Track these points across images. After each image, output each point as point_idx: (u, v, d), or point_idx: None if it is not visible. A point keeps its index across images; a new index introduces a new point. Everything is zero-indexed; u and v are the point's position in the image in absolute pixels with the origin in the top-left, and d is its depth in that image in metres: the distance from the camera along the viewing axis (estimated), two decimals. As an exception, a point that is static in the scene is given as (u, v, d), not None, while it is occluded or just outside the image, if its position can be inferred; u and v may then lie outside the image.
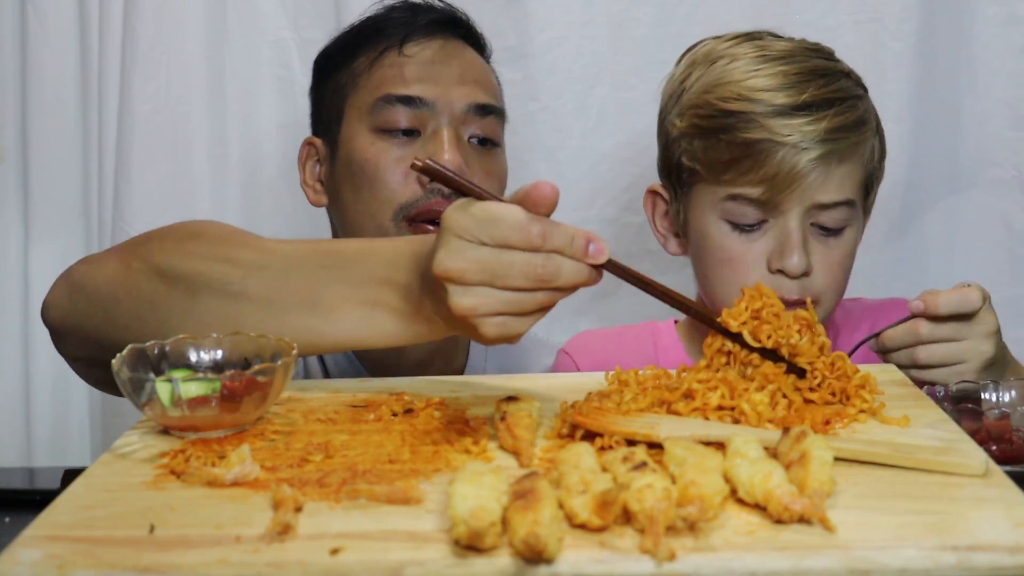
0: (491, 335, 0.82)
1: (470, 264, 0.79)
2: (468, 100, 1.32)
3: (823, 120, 1.18)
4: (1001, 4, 1.65)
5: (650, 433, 0.79)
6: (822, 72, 1.23)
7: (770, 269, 1.21)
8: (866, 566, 0.62)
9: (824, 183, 1.19)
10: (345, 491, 0.72)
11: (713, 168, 1.22)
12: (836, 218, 1.21)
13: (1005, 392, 1.03)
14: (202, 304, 0.97)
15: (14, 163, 1.81)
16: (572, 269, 0.80)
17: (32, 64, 1.77)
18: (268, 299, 0.95)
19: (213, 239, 1.03)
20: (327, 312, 0.93)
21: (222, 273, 0.97)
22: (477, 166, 1.31)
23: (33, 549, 0.66)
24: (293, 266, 0.96)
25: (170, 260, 1.01)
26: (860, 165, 1.23)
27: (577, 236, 0.80)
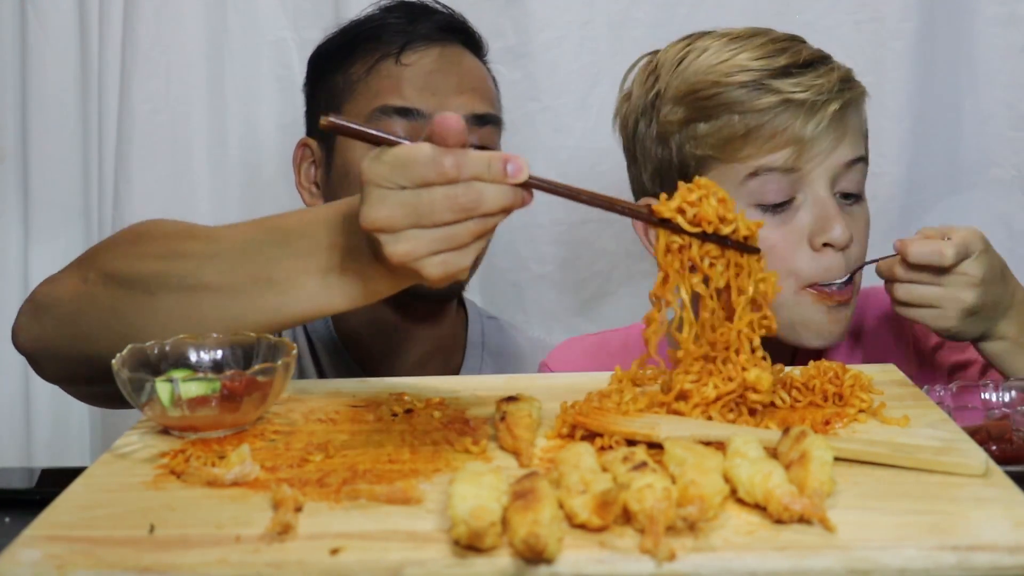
0: (435, 276, 0.82)
1: (394, 210, 0.80)
2: (466, 110, 1.30)
3: (831, 72, 1.16)
4: (1001, 4, 1.65)
5: (650, 433, 0.79)
6: (797, 38, 1.21)
7: (814, 247, 1.16)
8: (866, 566, 0.62)
9: (842, 140, 1.16)
10: (345, 491, 0.72)
11: (729, 147, 1.16)
12: (856, 180, 1.18)
13: (1005, 392, 1.03)
14: (162, 302, 0.97)
15: (14, 163, 1.81)
16: (495, 192, 0.81)
17: (32, 64, 1.77)
18: (225, 285, 0.95)
19: (161, 237, 1.03)
20: (284, 288, 0.93)
21: (176, 268, 0.98)
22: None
23: (33, 549, 0.66)
24: (243, 249, 0.96)
25: (123, 265, 1.02)
26: (862, 120, 1.21)
27: (493, 159, 0.81)
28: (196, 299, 0.96)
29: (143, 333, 0.95)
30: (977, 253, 1.09)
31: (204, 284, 0.96)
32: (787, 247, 1.16)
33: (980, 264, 1.09)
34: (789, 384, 0.90)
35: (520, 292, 1.79)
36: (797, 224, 1.16)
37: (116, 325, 1.00)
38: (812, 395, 0.89)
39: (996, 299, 1.11)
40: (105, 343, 0.98)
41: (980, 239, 1.10)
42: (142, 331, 0.96)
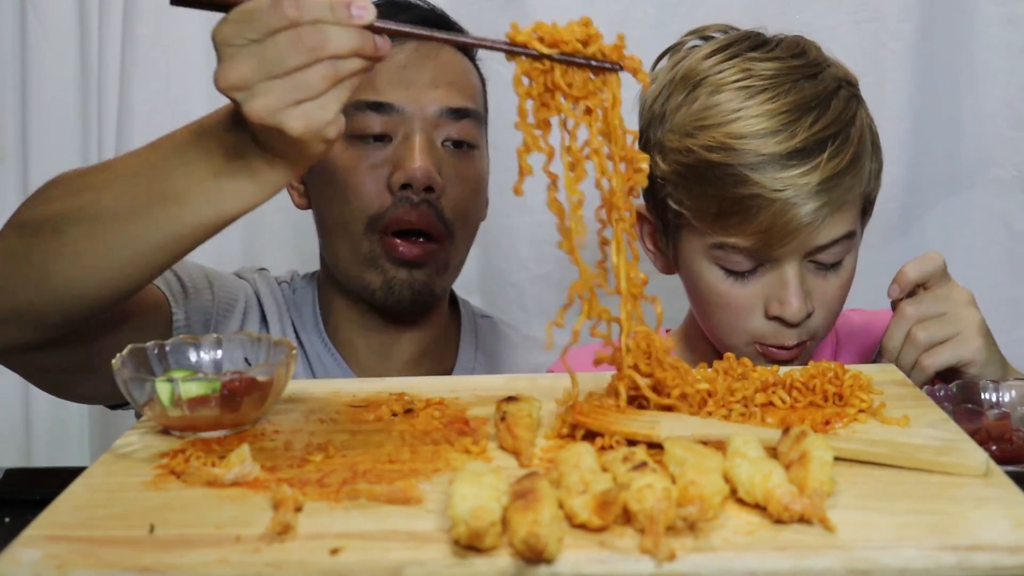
0: (297, 129, 0.83)
1: (243, 64, 0.82)
2: (440, 104, 1.29)
3: (817, 169, 1.11)
4: (1001, 4, 1.65)
5: (650, 433, 0.79)
6: (811, 103, 1.15)
7: (767, 315, 1.17)
8: (866, 566, 0.62)
9: (819, 228, 1.13)
10: (345, 491, 0.72)
11: (701, 218, 1.16)
12: (835, 253, 1.17)
13: (1005, 392, 1.03)
14: (68, 238, 0.98)
15: (14, 163, 1.81)
16: (339, 33, 0.82)
17: (32, 64, 1.78)
18: (124, 208, 0.96)
19: (64, 180, 1.05)
20: (179, 198, 0.94)
21: (76, 202, 0.99)
22: (451, 169, 1.29)
23: (33, 549, 0.66)
24: (136, 169, 0.98)
25: (29, 212, 1.04)
26: (859, 197, 1.18)
27: (336, 3, 0.82)
28: (100, 228, 0.97)
29: (57, 274, 0.98)
30: (948, 279, 1.13)
31: (105, 210, 0.97)
32: (742, 308, 1.18)
33: (963, 289, 1.14)
34: (789, 384, 0.90)
35: (520, 292, 1.79)
36: (757, 290, 1.17)
37: (32, 272, 1.01)
38: (812, 395, 0.89)
39: (992, 349, 1.14)
40: (24, 294, 1.01)
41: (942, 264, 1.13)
42: (56, 272, 0.98)
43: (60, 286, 1.00)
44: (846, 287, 1.21)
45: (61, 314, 1.02)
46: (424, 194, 1.27)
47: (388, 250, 1.28)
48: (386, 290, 1.29)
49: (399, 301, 1.30)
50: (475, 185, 1.33)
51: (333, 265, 1.35)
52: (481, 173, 1.35)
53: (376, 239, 1.28)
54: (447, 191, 1.29)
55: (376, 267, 1.29)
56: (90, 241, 0.97)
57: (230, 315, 1.33)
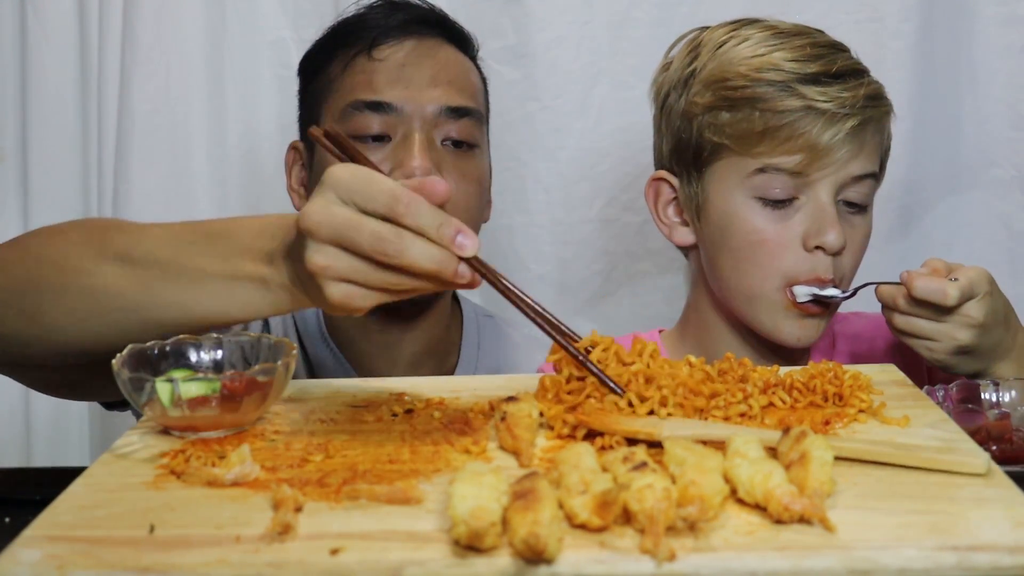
0: (335, 298, 0.82)
1: (328, 219, 0.80)
2: (440, 103, 1.29)
3: (860, 87, 1.17)
4: (1001, 4, 1.65)
5: (652, 432, 0.79)
6: (839, 46, 1.22)
7: (806, 247, 1.18)
8: (866, 566, 0.62)
9: (856, 155, 1.18)
10: (345, 491, 0.72)
11: (745, 140, 1.18)
12: (863, 193, 1.20)
13: (1005, 392, 1.03)
14: (78, 303, 0.97)
15: (14, 163, 1.81)
16: (422, 250, 0.78)
17: (32, 64, 1.78)
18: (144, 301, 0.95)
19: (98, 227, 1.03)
20: (188, 284, 0.93)
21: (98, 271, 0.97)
22: (451, 169, 1.29)
23: (33, 549, 0.66)
24: (165, 243, 0.96)
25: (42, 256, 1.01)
26: (883, 137, 1.22)
27: (449, 223, 0.79)
28: (107, 306, 0.96)
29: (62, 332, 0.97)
30: (982, 295, 1.10)
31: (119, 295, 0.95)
32: (779, 242, 1.19)
33: (983, 306, 1.10)
34: (789, 384, 0.90)
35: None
36: (796, 223, 1.19)
37: (35, 330, 0.99)
38: (812, 395, 0.89)
39: (995, 342, 1.13)
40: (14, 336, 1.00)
41: (987, 280, 1.11)
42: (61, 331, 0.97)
43: (64, 343, 0.99)
44: (867, 240, 1.23)
45: (74, 358, 1.01)
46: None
47: None
48: None
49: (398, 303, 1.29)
50: (476, 184, 1.33)
51: None
52: (482, 172, 1.35)
53: None
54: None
55: None
56: (99, 316, 0.96)
57: None
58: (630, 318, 1.77)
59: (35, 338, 1.00)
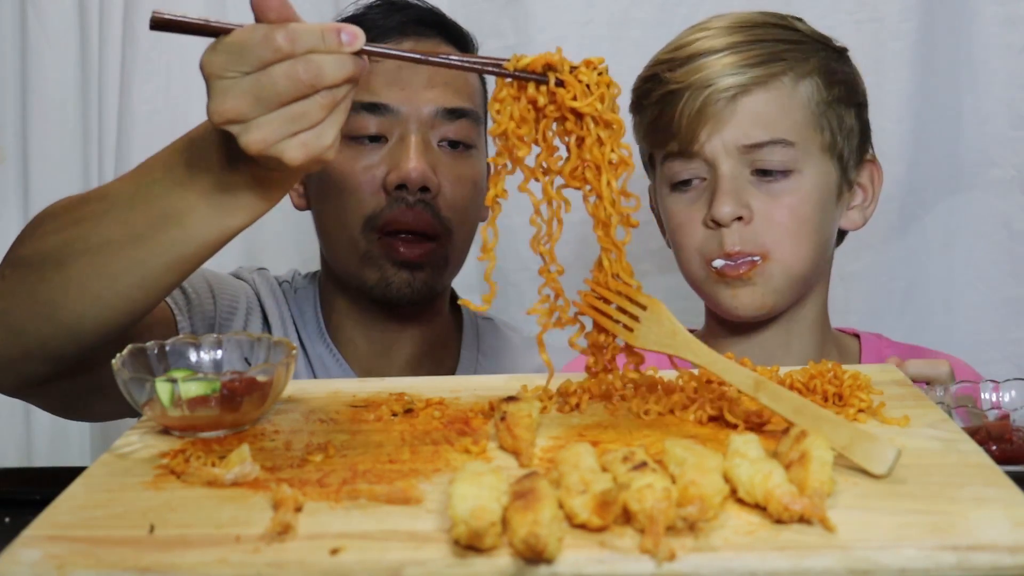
0: (297, 158, 0.83)
1: (239, 99, 0.81)
2: (436, 104, 1.29)
3: (734, 54, 1.18)
4: (1001, 4, 1.65)
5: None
6: (749, 23, 1.22)
7: (706, 224, 1.19)
8: (866, 566, 0.62)
9: (744, 121, 1.17)
10: (345, 491, 0.72)
11: (647, 137, 1.23)
12: (773, 160, 1.18)
13: (1005, 392, 1.03)
14: (72, 270, 0.97)
15: (14, 163, 1.81)
16: (334, 64, 0.81)
17: (32, 64, 1.78)
18: (124, 235, 0.95)
19: (58, 211, 1.04)
20: (179, 219, 0.93)
21: (76, 233, 0.98)
22: (448, 169, 1.29)
23: (33, 549, 0.66)
24: (131, 195, 0.97)
25: (28, 247, 1.02)
26: (791, 103, 1.19)
27: (327, 30, 0.81)
28: (102, 257, 0.96)
29: (65, 308, 0.96)
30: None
31: (105, 240, 0.96)
32: (688, 225, 1.21)
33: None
34: (789, 385, 0.90)
35: (520, 292, 1.79)
36: (694, 198, 1.21)
37: (39, 308, 1.00)
38: (812, 395, 0.89)
39: None
40: (34, 331, 1.00)
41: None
42: (63, 306, 0.97)
43: (70, 319, 0.98)
44: (800, 208, 1.20)
45: (74, 345, 1.01)
46: (419, 194, 1.27)
47: (387, 251, 1.28)
48: (383, 287, 1.29)
49: (398, 298, 1.30)
50: (472, 185, 1.33)
51: (332, 262, 1.35)
52: (479, 173, 1.35)
53: (374, 238, 1.28)
54: (443, 191, 1.29)
55: (374, 265, 1.29)
56: (95, 272, 0.96)
57: (232, 319, 1.33)
58: (630, 318, 1.77)
59: (54, 328, 0.99)
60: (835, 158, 1.22)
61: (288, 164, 0.83)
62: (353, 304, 1.36)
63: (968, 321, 1.72)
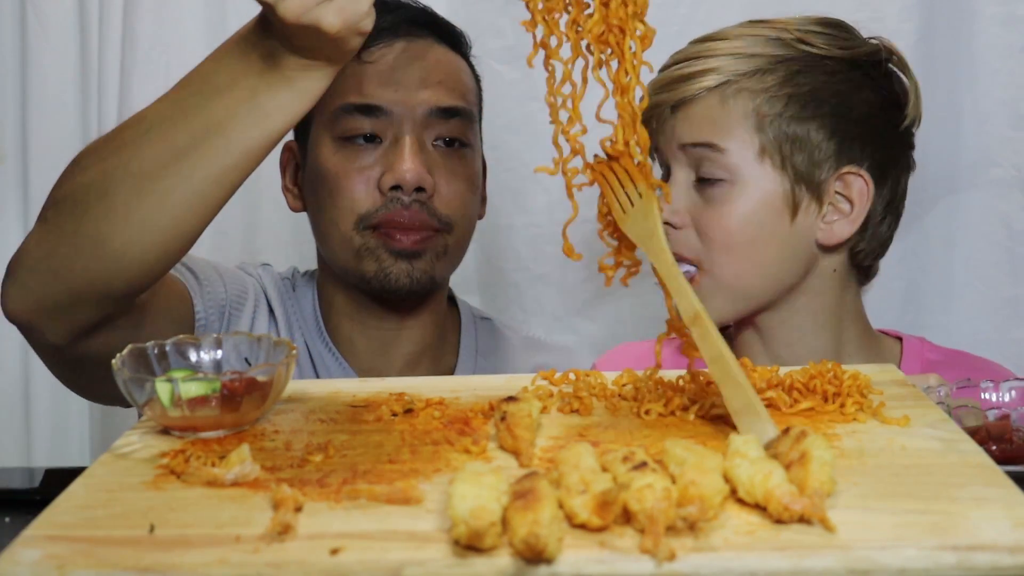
0: (335, 26, 0.84)
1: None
2: (430, 104, 1.29)
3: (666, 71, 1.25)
4: (1001, 4, 1.65)
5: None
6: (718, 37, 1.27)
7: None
8: (866, 566, 0.62)
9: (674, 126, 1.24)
10: (345, 491, 0.72)
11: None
12: (703, 164, 1.23)
13: (1005, 392, 1.03)
14: (117, 198, 0.97)
15: (14, 163, 1.81)
16: None
17: (32, 64, 1.78)
18: (167, 153, 0.95)
19: (95, 145, 1.04)
20: (221, 128, 0.94)
21: (116, 161, 0.98)
22: (443, 169, 1.29)
23: (33, 549, 0.66)
24: (170, 113, 0.97)
25: (69, 185, 1.02)
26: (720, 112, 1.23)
27: None
28: (146, 180, 0.96)
29: (113, 240, 0.96)
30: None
31: (147, 161, 0.96)
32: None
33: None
34: (789, 385, 0.90)
35: (520, 292, 1.79)
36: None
37: (84, 243, 0.99)
38: (813, 396, 0.89)
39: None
40: (83, 270, 1.00)
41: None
42: (110, 237, 0.97)
43: (118, 251, 0.98)
44: (733, 225, 1.22)
45: (122, 282, 1.00)
46: (415, 195, 1.27)
47: (384, 241, 1.28)
48: (382, 277, 1.29)
49: (397, 289, 1.29)
50: (468, 183, 1.33)
51: (329, 260, 1.35)
52: (475, 171, 1.35)
53: (369, 234, 1.28)
54: (439, 190, 1.29)
55: (371, 257, 1.29)
56: (138, 196, 0.96)
57: (242, 308, 1.33)
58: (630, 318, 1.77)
59: (101, 263, 0.99)
60: (785, 172, 1.22)
61: (326, 31, 0.83)
62: (351, 302, 1.36)
63: (968, 321, 1.72)
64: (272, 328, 1.36)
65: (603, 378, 0.95)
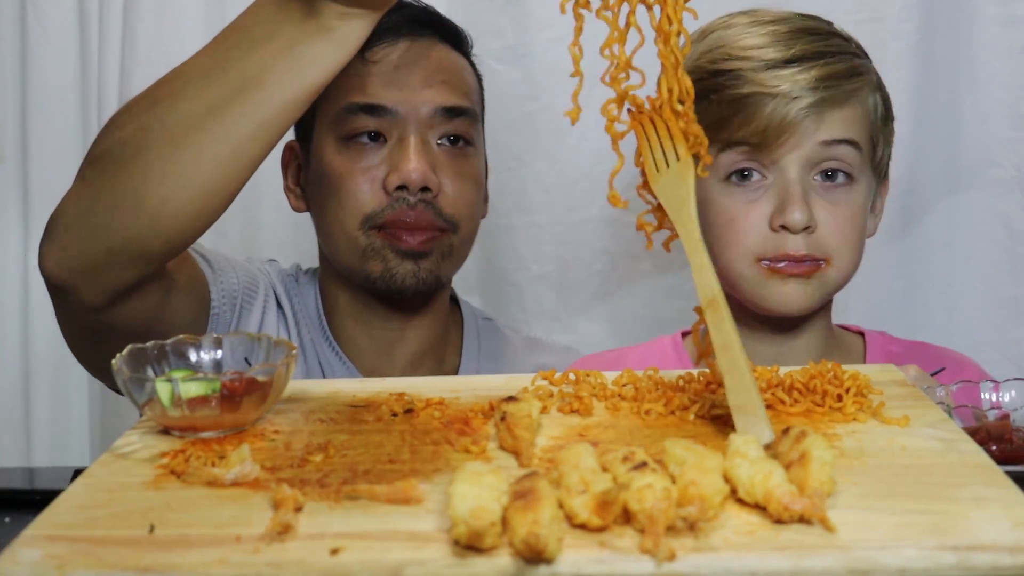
0: None
1: None
2: (434, 104, 1.29)
3: (813, 69, 1.19)
4: (1001, 4, 1.65)
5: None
6: (813, 31, 1.23)
7: (772, 227, 1.20)
8: (866, 566, 0.62)
9: (820, 129, 1.19)
10: (345, 491, 0.72)
11: (707, 129, 1.22)
12: (838, 160, 1.20)
13: (1005, 392, 1.03)
14: (154, 153, 0.97)
15: (14, 163, 1.81)
16: None
17: (32, 64, 1.78)
18: (206, 107, 0.95)
19: (132, 103, 1.04)
20: (259, 82, 0.93)
21: (154, 115, 0.98)
22: (448, 169, 1.30)
23: (33, 549, 0.66)
24: (207, 67, 0.97)
25: (106, 142, 1.02)
26: (862, 113, 1.22)
27: None
28: (182, 135, 0.96)
29: (150, 196, 0.96)
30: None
31: (184, 116, 0.96)
32: (747, 223, 1.20)
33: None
34: (789, 385, 0.90)
35: (520, 292, 1.79)
36: (763, 203, 1.20)
37: (122, 199, 0.99)
38: (812, 395, 0.89)
39: None
40: (120, 227, 0.99)
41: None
42: (148, 194, 0.96)
43: (155, 208, 0.98)
44: (857, 215, 1.22)
45: (160, 240, 1.00)
46: (420, 195, 1.27)
47: (390, 241, 1.28)
48: (387, 278, 1.29)
49: (403, 289, 1.29)
50: (473, 182, 1.33)
51: (334, 260, 1.35)
52: (479, 170, 1.36)
53: (374, 234, 1.28)
54: (444, 190, 1.29)
55: (377, 257, 1.29)
56: (175, 151, 0.95)
57: (253, 301, 1.33)
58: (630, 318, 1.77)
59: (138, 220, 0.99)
60: (877, 173, 1.26)
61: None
62: (354, 302, 1.36)
63: (968, 321, 1.72)
64: (281, 323, 1.36)
65: (603, 378, 0.95)
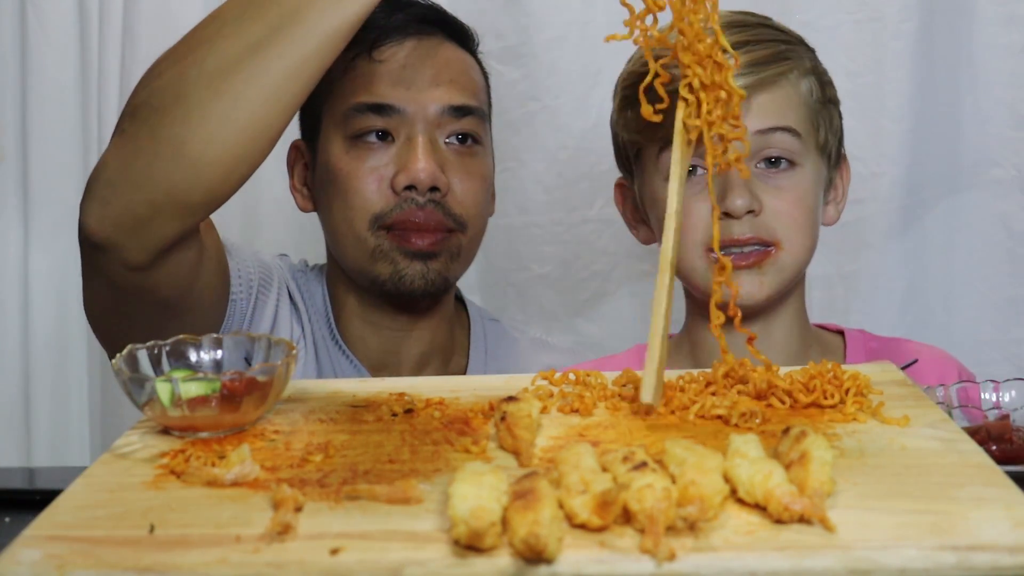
0: None
1: None
2: (442, 103, 1.29)
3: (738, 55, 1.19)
4: (1001, 4, 1.65)
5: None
6: (740, 24, 1.22)
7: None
8: (866, 566, 0.62)
9: (754, 118, 1.17)
10: (345, 491, 0.72)
11: (644, 131, 1.20)
12: (777, 148, 1.19)
13: (1005, 392, 1.03)
14: (193, 98, 0.97)
15: (14, 163, 1.81)
16: None
17: (32, 64, 1.78)
18: (245, 47, 0.96)
19: (169, 52, 1.04)
20: (300, 15, 0.94)
21: (192, 61, 0.97)
22: (456, 168, 1.30)
23: (33, 549, 0.66)
24: (244, 6, 0.97)
25: (144, 92, 1.02)
26: (795, 98, 1.21)
27: None
28: (222, 77, 0.96)
29: (190, 142, 0.96)
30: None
31: (222, 57, 0.96)
32: (694, 215, 1.18)
33: None
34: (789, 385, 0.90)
35: (520, 292, 1.79)
36: (699, 193, 1.18)
37: (162, 148, 0.99)
38: (812, 395, 0.89)
39: None
40: (162, 177, 0.99)
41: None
42: (188, 140, 0.96)
43: (196, 154, 0.98)
44: (805, 200, 1.21)
45: (202, 190, 1.00)
46: (429, 194, 1.27)
47: (399, 243, 1.28)
48: (396, 280, 1.29)
49: (411, 291, 1.29)
50: (481, 182, 1.33)
51: (341, 260, 1.35)
52: (487, 169, 1.36)
53: (383, 235, 1.28)
54: (453, 189, 1.29)
55: (386, 259, 1.29)
56: (215, 94, 0.95)
57: (268, 292, 1.32)
58: (630, 318, 1.77)
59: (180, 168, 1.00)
60: (825, 155, 1.24)
61: None
62: (362, 302, 1.36)
63: (968, 321, 1.72)
64: (295, 318, 1.36)
65: (603, 378, 0.95)
